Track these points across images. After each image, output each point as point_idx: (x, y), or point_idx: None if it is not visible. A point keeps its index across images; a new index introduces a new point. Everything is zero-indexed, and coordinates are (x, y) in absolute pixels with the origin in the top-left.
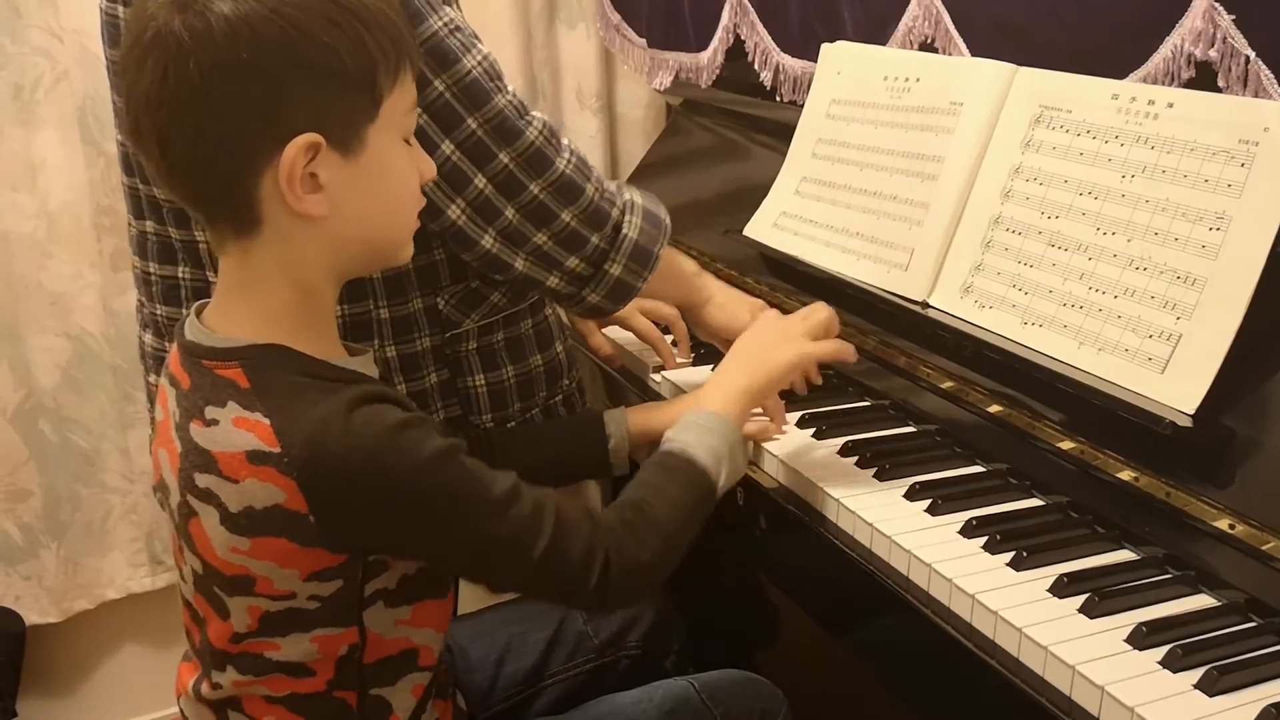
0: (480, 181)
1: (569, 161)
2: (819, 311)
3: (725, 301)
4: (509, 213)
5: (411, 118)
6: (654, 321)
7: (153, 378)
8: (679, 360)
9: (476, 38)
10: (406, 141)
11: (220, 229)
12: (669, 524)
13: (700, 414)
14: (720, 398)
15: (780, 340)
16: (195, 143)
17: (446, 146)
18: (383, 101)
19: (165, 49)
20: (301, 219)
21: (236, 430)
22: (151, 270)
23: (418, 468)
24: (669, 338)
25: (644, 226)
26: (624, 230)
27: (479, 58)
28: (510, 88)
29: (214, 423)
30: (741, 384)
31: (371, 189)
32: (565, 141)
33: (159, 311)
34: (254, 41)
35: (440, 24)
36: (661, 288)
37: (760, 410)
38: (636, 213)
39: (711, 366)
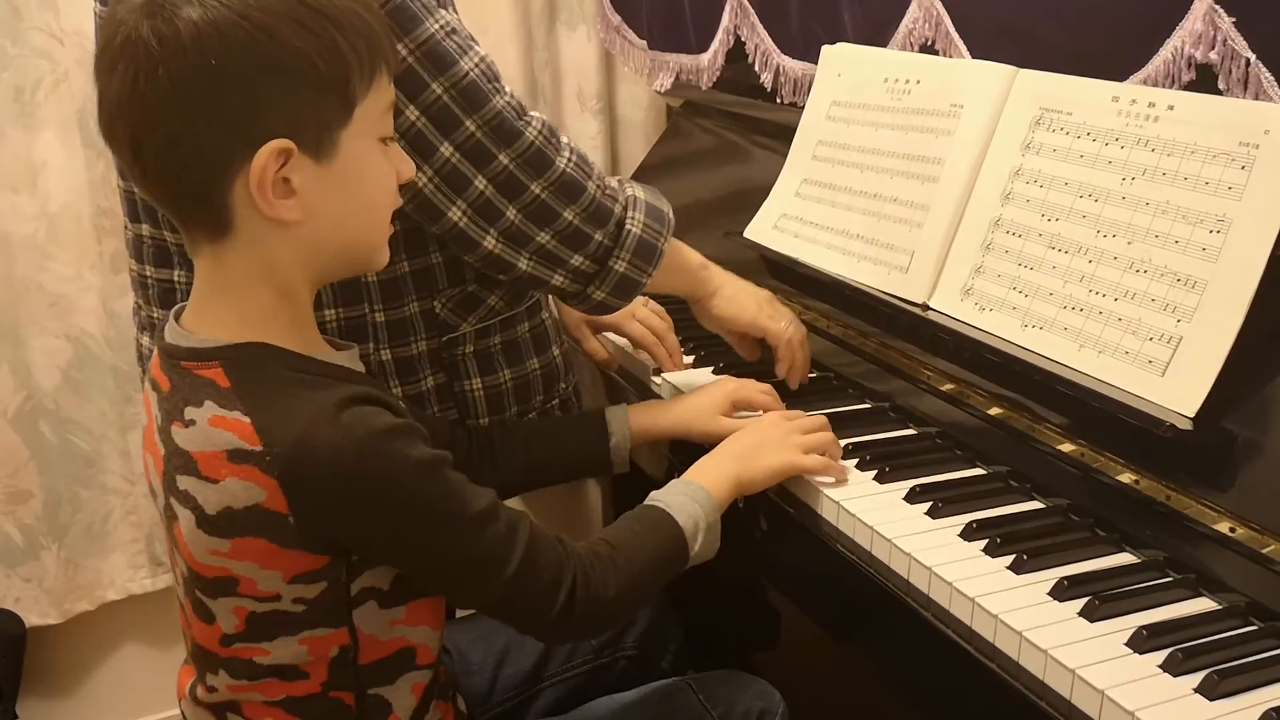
0: (480, 183)
1: (569, 160)
2: (823, 431)
3: (733, 293)
4: (510, 213)
5: (388, 119)
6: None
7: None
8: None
9: (473, 39)
10: (385, 141)
11: (194, 232)
12: (637, 570)
13: (689, 485)
14: (711, 477)
15: (777, 445)
16: (166, 149)
17: (445, 149)
18: (357, 105)
19: (135, 55)
20: (275, 223)
21: (214, 429)
22: (148, 273)
23: (402, 475)
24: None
25: (647, 221)
26: (627, 226)
27: (476, 59)
28: (508, 89)
29: (192, 423)
30: (732, 472)
31: (345, 193)
32: (565, 140)
33: (155, 314)
34: (222, 47)
35: (437, 26)
36: (667, 281)
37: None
38: (639, 208)
39: (712, 369)
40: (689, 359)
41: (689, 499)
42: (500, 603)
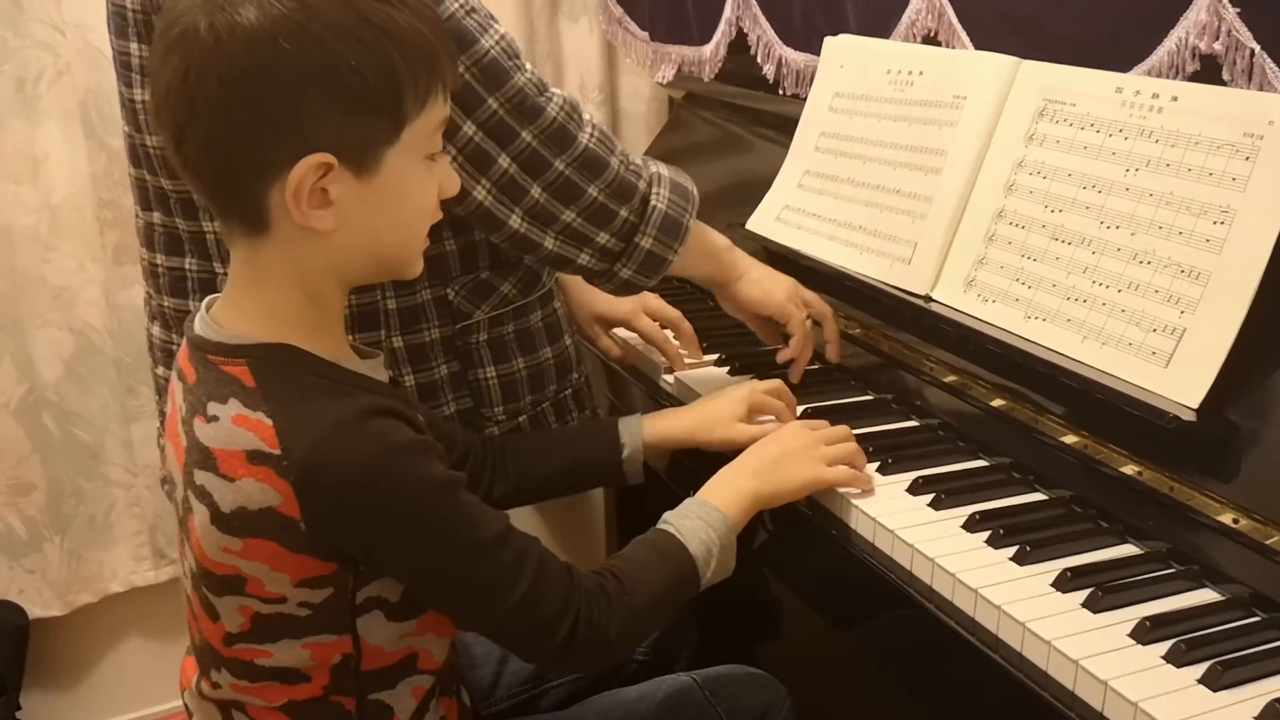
0: (504, 161)
1: (592, 136)
2: (848, 442)
3: (760, 277)
4: (535, 191)
5: (438, 136)
6: (659, 323)
7: (160, 370)
8: (688, 360)
9: (493, 18)
10: (433, 157)
11: (230, 225)
12: (644, 605)
13: (704, 507)
14: (728, 496)
15: (801, 458)
16: (208, 146)
17: (469, 127)
18: (406, 125)
19: (189, 50)
20: (309, 230)
21: (237, 428)
22: (159, 262)
23: (416, 493)
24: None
25: (672, 197)
26: (652, 202)
27: (496, 37)
28: (529, 66)
29: (215, 419)
30: (751, 488)
31: (382, 208)
32: (587, 117)
33: (166, 304)
34: (277, 56)
35: (457, 5)
36: (694, 263)
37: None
38: (663, 184)
39: (718, 357)
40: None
41: (703, 523)
42: (501, 630)
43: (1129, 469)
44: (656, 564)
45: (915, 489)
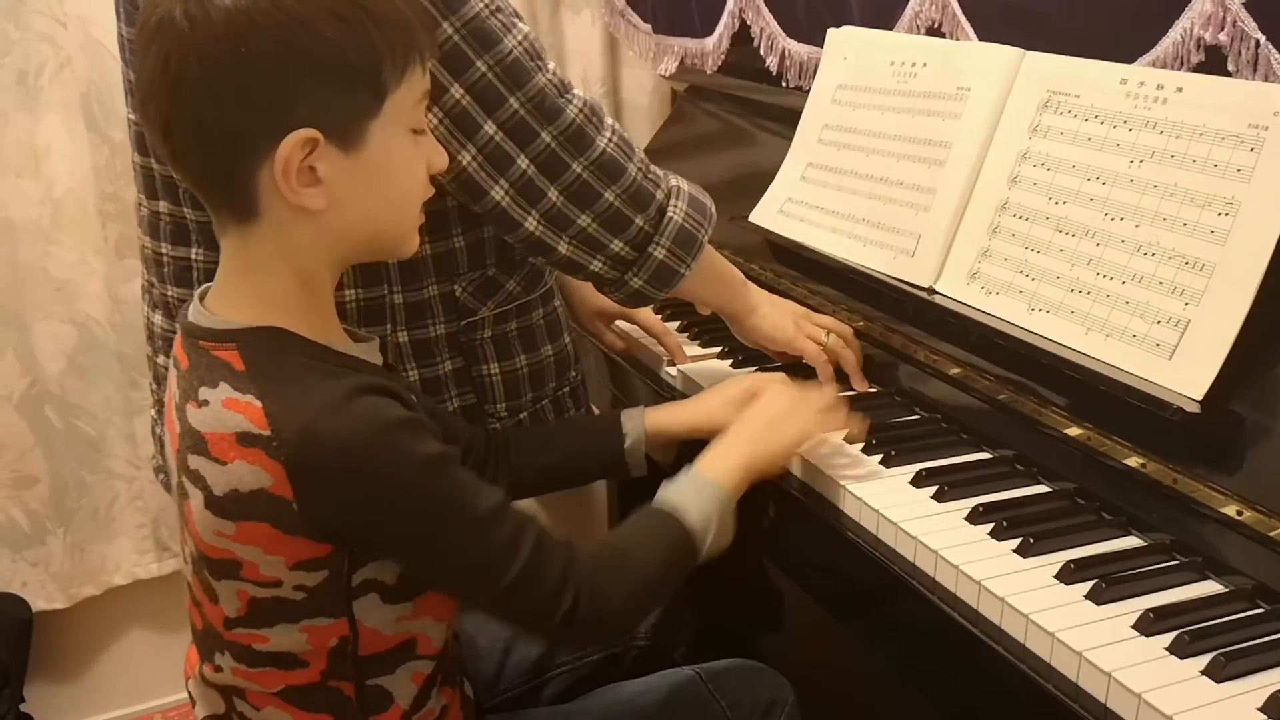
0: (523, 162)
1: (610, 140)
2: (826, 395)
3: (769, 312)
4: (552, 194)
5: (420, 110)
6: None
7: (161, 359)
8: (687, 353)
9: (517, 16)
10: (417, 132)
11: (220, 214)
12: (644, 578)
13: (699, 480)
14: (723, 467)
15: (790, 416)
16: (195, 132)
17: (489, 127)
18: (387, 97)
19: (167, 38)
20: (299, 210)
21: (226, 411)
22: (164, 251)
23: (408, 470)
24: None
25: (689, 211)
26: (669, 213)
27: (520, 37)
28: (551, 65)
29: (206, 403)
30: (744, 457)
31: (372, 184)
32: (609, 121)
33: (170, 293)
34: (254, 35)
35: (481, 4)
36: (707, 291)
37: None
38: (682, 198)
39: (721, 349)
40: (697, 347)
41: (700, 496)
42: (501, 606)
43: (1133, 461)
44: (655, 537)
45: (918, 481)
